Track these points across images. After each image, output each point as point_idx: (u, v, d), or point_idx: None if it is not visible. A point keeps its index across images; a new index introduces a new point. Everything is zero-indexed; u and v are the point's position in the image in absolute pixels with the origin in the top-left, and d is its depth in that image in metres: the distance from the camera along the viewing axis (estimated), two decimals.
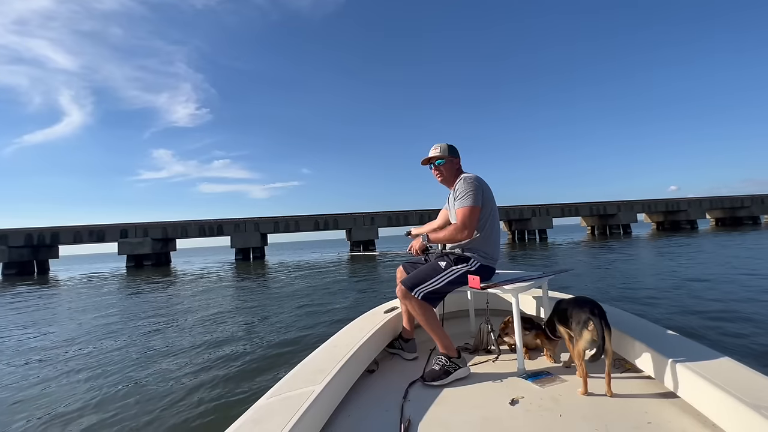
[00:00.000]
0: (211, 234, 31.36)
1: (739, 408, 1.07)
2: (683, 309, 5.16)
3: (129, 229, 29.63)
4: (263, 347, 4.52)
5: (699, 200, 40.33)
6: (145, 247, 29.09)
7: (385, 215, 34.14)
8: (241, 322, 6.12)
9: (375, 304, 2.51)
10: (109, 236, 29.58)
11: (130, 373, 3.93)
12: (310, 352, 1.69)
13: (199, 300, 8.99)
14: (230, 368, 3.84)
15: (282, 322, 5.90)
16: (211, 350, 4.53)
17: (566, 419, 1.32)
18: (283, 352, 4.29)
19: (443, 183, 2.06)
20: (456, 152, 2.03)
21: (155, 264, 28.82)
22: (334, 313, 6.36)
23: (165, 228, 30.37)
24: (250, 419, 1.14)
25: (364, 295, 8.31)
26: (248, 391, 3.21)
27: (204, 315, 6.95)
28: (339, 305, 7.11)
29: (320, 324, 5.62)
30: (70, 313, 8.28)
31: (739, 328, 4.08)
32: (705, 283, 7.07)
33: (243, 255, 30.47)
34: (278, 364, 3.90)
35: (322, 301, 7.75)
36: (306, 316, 6.29)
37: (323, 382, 1.35)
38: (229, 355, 4.29)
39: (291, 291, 9.57)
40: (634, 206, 38.37)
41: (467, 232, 1.81)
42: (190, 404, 3.03)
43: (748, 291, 6.06)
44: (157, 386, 3.49)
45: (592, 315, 1.48)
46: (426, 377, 1.69)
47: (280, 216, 32.66)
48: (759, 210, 40.56)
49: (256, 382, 3.43)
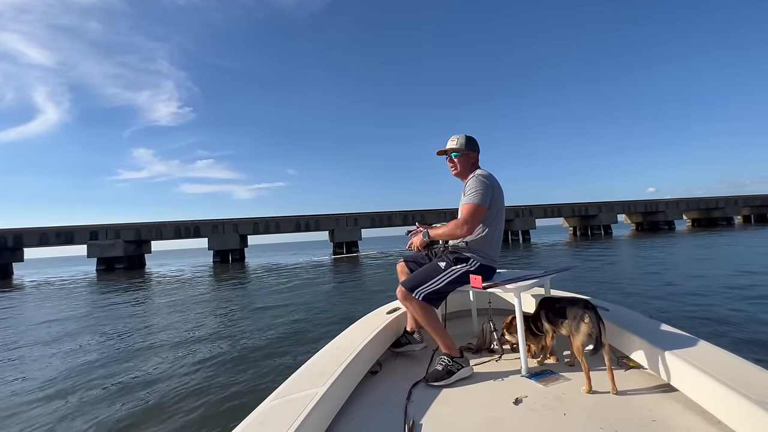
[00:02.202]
0: (187, 235, 30.26)
1: (745, 404, 1.06)
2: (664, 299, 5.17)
3: (99, 230, 28.30)
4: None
5: (676, 201, 41.48)
6: (117, 249, 27.84)
7: (368, 216, 33.67)
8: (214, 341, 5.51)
9: (375, 308, 2.41)
10: (78, 238, 28.20)
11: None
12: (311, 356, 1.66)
13: (166, 313, 8.31)
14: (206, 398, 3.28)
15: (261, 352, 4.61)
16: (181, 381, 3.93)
17: (570, 418, 1.31)
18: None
19: (457, 176, 2.02)
20: (474, 146, 1.99)
21: (128, 267, 27.68)
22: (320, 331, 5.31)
23: (138, 229, 29.15)
24: (254, 422, 1.13)
25: (360, 305, 7.52)
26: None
27: (165, 334, 6.31)
28: (328, 320, 6.17)
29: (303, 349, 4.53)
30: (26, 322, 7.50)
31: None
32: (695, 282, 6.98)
33: (221, 257, 29.49)
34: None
35: (308, 316, 6.81)
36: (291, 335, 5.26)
37: (326, 384, 1.35)
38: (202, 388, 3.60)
39: (274, 301, 8.41)
40: (614, 207, 39.08)
41: (467, 228, 1.79)
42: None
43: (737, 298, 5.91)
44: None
45: (586, 309, 1.53)
46: (429, 378, 1.68)
47: (260, 217, 31.80)
48: (732, 211, 42.07)
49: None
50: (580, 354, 1.52)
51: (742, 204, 42.75)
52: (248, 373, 3.74)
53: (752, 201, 43.21)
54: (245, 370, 3.80)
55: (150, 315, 7.53)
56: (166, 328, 6.12)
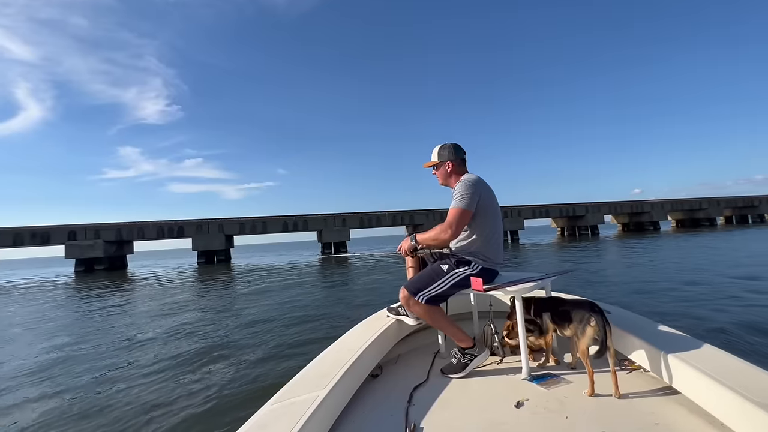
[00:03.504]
0: (170, 236, 29.51)
1: (747, 407, 1.05)
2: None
3: (78, 230, 27.39)
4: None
5: (661, 202, 42.16)
6: (96, 250, 26.97)
7: (357, 216, 33.33)
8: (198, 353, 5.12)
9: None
10: (55, 238, 27.25)
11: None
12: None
13: (138, 319, 7.84)
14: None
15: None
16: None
17: (572, 421, 1.30)
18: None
19: (444, 186, 2.06)
20: (448, 153, 2.00)
21: (108, 268, 26.83)
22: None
23: (119, 229, 28.31)
24: (255, 426, 1.13)
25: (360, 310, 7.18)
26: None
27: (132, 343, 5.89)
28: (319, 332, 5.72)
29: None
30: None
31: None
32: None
33: (206, 258, 28.84)
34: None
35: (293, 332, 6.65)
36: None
37: (327, 387, 1.34)
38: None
39: (264, 309, 7.67)
40: (601, 208, 39.55)
41: (451, 232, 1.80)
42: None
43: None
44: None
45: (593, 312, 1.52)
46: (445, 371, 1.75)
47: (247, 217, 31.20)
48: (715, 212, 43.02)
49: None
50: (585, 357, 1.51)
51: (724, 205, 43.70)
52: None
53: (734, 202, 44.23)
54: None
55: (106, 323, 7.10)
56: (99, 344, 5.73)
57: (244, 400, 3.11)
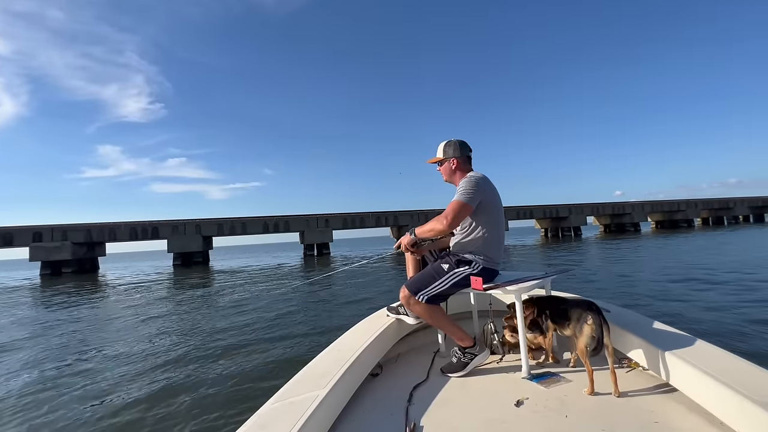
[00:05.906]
0: (144, 237, 28.28)
1: (746, 405, 1.06)
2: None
3: (44, 231, 25.95)
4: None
5: (642, 204, 43.02)
6: (64, 252, 25.59)
7: (340, 217, 32.70)
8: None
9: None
10: (19, 240, 25.75)
11: None
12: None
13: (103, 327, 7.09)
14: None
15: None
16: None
17: (572, 420, 1.31)
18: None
19: (448, 182, 2.05)
20: (453, 150, 1.99)
21: (77, 271, 25.50)
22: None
23: (89, 230, 26.95)
24: (255, 425, 1.13)
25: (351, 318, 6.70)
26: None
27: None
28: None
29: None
30: None
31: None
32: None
33: (183, 260, 27.73)
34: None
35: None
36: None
37: (327, 386, 1.34)
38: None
39: (248, 319, 7.57)
40: (584, 209, 40.07)
41: (446, 222, 1.77)
42: None
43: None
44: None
45: (590, 310, 1.52)
46: (444, 370, 1.76)
47: (225, 218, 30.19)
48: (693, 213, 44.31)
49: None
50: (583, 356, 1.51)
51: (701, 207, 44.96)
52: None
53: (710, 204, 45.56)
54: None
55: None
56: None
57: (244, 399, 3.09)
